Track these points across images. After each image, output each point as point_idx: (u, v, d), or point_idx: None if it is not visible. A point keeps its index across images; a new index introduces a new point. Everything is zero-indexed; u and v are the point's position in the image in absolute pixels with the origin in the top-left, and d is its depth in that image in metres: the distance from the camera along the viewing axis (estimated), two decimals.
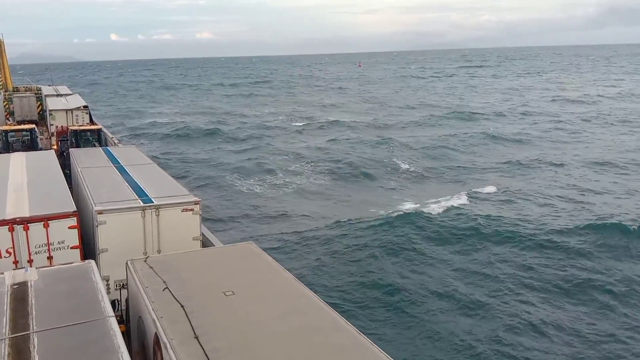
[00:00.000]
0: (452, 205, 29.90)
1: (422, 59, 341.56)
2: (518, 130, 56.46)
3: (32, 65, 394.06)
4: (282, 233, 26.89)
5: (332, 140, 52.45)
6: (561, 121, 62.38)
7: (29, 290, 8.55)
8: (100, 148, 22.12)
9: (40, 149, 25.74)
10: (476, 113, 69.75)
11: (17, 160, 18.08)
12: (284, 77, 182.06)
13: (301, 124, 66.38)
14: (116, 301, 11.49)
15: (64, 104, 34.81)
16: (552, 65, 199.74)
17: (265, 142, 53.48)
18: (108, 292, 9.10)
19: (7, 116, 42.15)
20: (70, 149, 22.05)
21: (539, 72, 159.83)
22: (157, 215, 12.92)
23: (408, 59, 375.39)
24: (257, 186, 37.00)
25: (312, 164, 42.87)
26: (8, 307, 7.96)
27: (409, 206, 30.96)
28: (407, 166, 41.50)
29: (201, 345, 7.05)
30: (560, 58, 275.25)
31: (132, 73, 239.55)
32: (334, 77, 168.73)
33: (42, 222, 12.02)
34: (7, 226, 11.68)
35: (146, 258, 10.28)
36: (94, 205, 12.69)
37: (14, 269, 10.31)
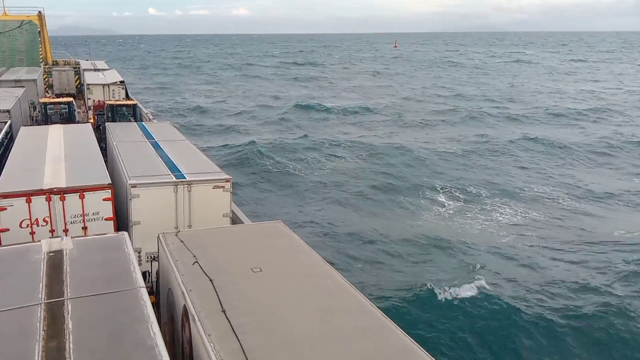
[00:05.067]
0: None
1: (495, 42, 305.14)
2: None
3: (71, 37, 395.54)
4: None
5: None
6: None
7: (64, 258, 8.80)
8: (135, 123, 22.47)
9: (77, 122, 26.29)
10: None
11: (55, 132, 18.51)
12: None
13: None
14: (147, 273, 11.76)
15: (102, 79, 35.46)
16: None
17: None
18: (139, 264, 9.31)
19: (47, 89, 43.16)
20: (106, 123, 22.47)
21: None
22: (189, 191, 13.11)
23: (458, 41, 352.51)
24: None
25: None
26: (44, 274, 8.22)
27: None
28: None
29: (228, 320, 7.17)
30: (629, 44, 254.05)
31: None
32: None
33: (78, 194, 12.34)
34: (45, 196, 12.03)
35: (177, 232, 10.46)
36: (128, 179, 12.93)
37: (50, 237, 10.63)
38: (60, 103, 27.58)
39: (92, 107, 31.37)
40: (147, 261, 12.50)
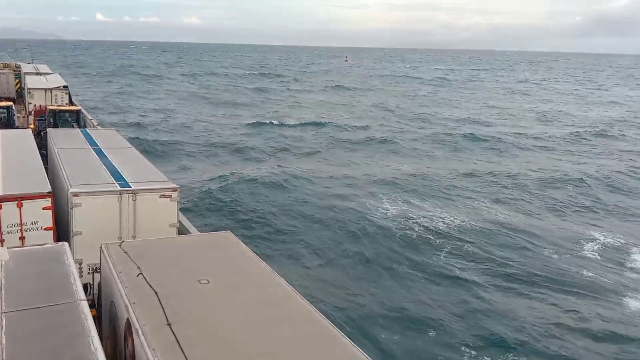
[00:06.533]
0: None
1: (446, 59, 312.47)
2: None
3: (14, 40, 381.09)
4: None
5: None
6: None
7: (0, 270, 8.41)
8: (78, 129, 21.80)
9: (17, 128, 25.30)
10: None
11: None
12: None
13: None
14: (88, 285, 11.35)
15: (44, 83, 34.27)
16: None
17: None
18: (80, 276, 9.01)
19: None
20: (47, 129, 21.72)
21: None
22: (134, 200, 12.79)
23: (408, 56, 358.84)
24: None
25: None
26: None
27: None
28: None
29: (173, 333, 7.01)
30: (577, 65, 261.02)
31: None
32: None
33: (16, 202, 11.84)
34: None
35: (121, 243, 10.17)
36: (69, 187, 12.51)
37: None
38: None
39: (33, 112, 30.24)
40: (89, 273, 12.07)
